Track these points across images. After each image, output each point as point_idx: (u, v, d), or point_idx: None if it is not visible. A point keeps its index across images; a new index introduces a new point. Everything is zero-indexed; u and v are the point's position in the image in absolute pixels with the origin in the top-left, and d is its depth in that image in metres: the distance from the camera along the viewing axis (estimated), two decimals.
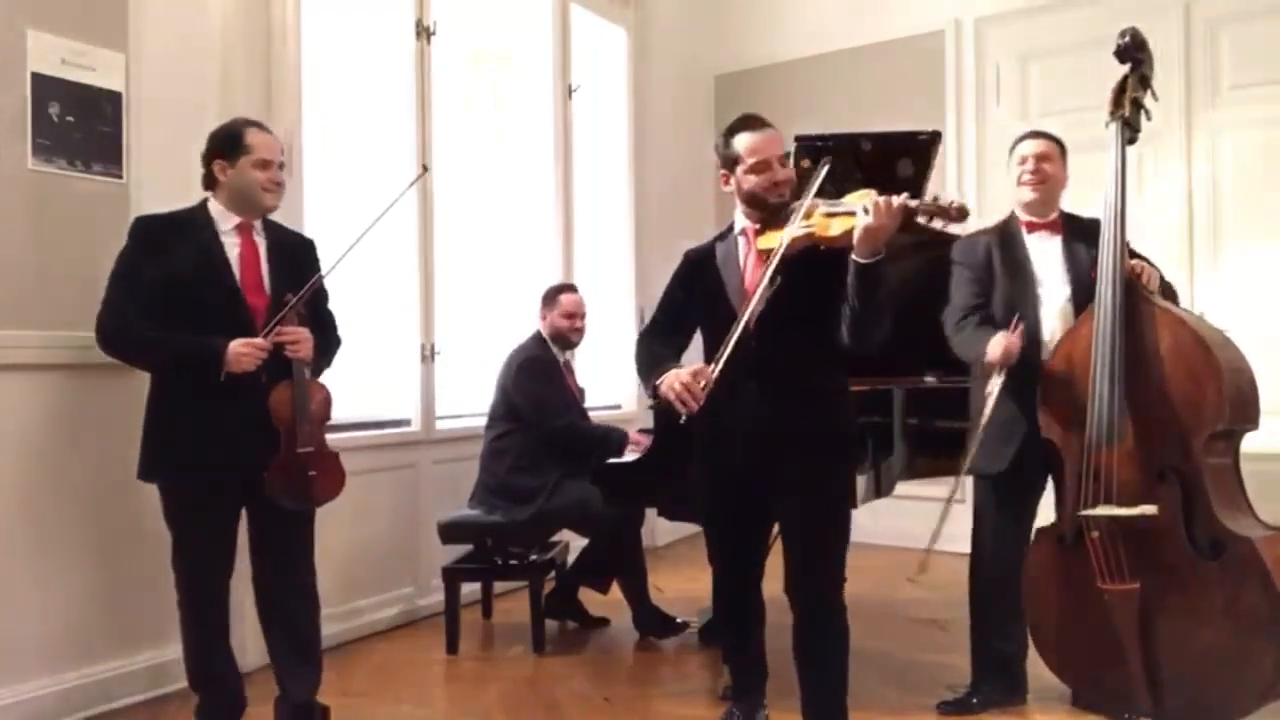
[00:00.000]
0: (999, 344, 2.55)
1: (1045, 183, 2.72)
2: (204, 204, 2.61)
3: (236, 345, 2.44)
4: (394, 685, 3.27)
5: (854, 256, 2.12)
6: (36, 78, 2.83)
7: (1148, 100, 2.58)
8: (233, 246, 2.57)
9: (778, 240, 2.23)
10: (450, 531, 3.69)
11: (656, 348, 2.45)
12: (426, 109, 4.19)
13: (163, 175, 3.14)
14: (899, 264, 3.49)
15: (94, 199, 2.98)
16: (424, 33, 4.19)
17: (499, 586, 4.14)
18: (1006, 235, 2.77)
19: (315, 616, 2.73)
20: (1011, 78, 5.09)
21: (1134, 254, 2.62)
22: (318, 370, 2.71)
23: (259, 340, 2.48)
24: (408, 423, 4.16)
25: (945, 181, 4.98)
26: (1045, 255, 2.73)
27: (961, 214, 2.04)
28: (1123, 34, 2.56)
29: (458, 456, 4.17)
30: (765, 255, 2.26)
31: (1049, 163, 2.73)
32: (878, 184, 2.13)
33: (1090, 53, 4.29)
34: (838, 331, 2.25)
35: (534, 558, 3.70)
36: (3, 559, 2.78)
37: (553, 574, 3.86)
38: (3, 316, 2.78)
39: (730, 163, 2.38)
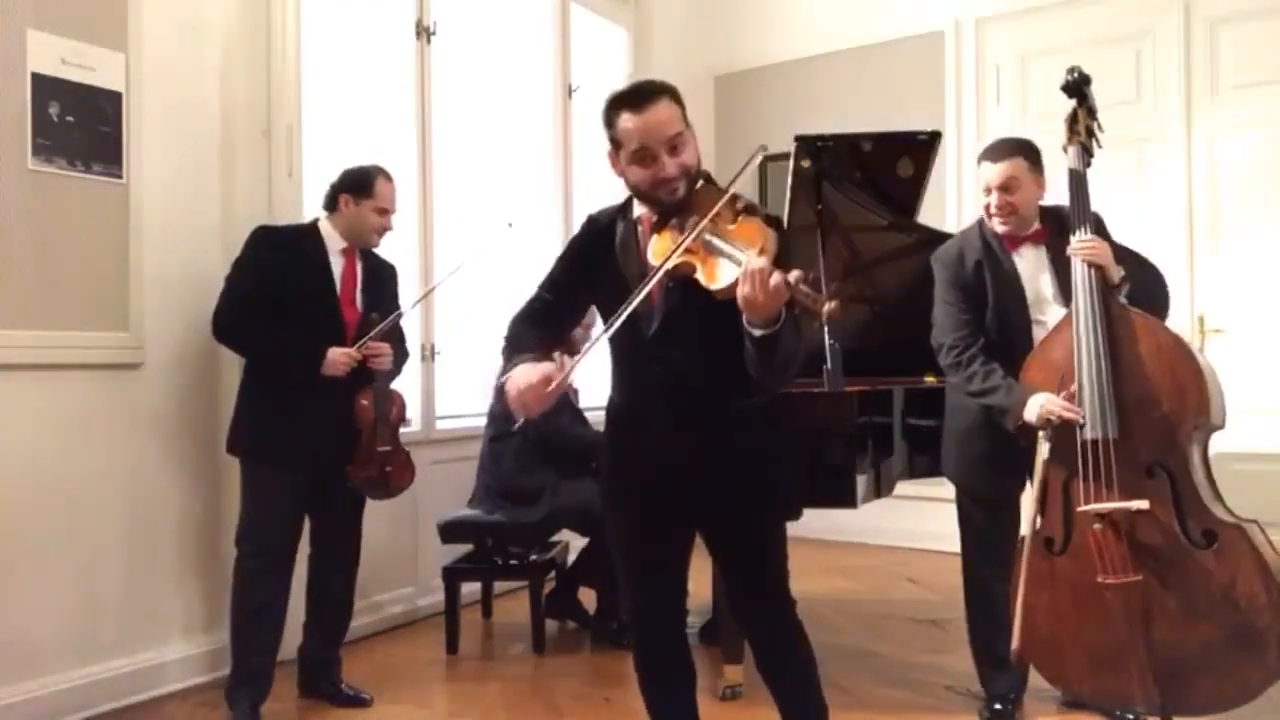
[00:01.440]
0: (1040, 407, 2.42)
1: (1014, 214, 2.64)
2: (316, 223, 3.01)
3: (335, 353, 2.84)
4: (394, 685, 3.27)
5: (745, 323, 1.71)
6: (36, 78, 2.83)
7: (1098, 125, 2.65)
8: (338, 266, 2.97)
9: (665, 247, 1.83)
10: (450, 531, 3.69)
11: (524, 333, 2.00)
12: (426, 109, 4.19)
13: (163, 175, 3.15)
14: (898, 264, 3.53)
15: (94, 199, 2.99)
16: (424, 33, 4.19)
17: (499, 586, 4.14)
18: (991, 250, 2.68)
19: (353, 591, 3.18)
20: (1011, 78, 5.09)
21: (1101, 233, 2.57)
22: (391, 379, 3.07)
23: (352, 351, 2.88)
24: (408, 423, 4.15)
25: (945, 181, 4.99)
26: (1033, 271, 2.67)
27: (831, 317, 1.62)
28: (1070, 70, 2.65)
29: (458, 456, 4.17)
30: (651, 262, 1.85)
31: (1014, 192, 2.62)
32: (878, 184, 2.08)
33: (1090, 53, 4.30)
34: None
35: (534, 558, 3.70)
36: (6, 559, 2.78)
37: (553, 574, 3.86)
38: (3, 316, 2.78)
39: (614, 143, 1.90)
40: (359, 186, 2.99)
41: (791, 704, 2.15)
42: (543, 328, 2.03)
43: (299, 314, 2.86)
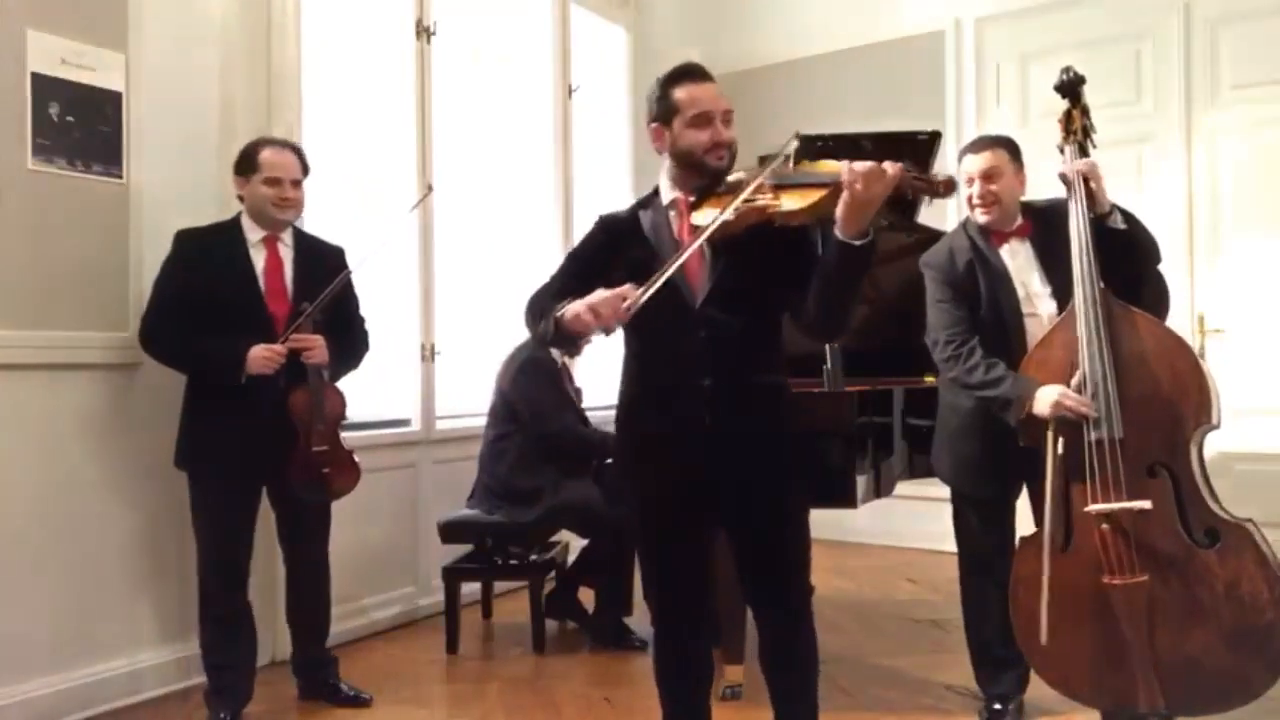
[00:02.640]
0: (1052, 400, 2.40)
1: (996, 204, 2.64)
2: (237, 217, 2.89)
3: (257, 351, 2.70)
4: (394, 685, 3.27)
5: (840, 235, 1.82)
6: (36, 78, 2.83)
7: (1092, 125, 2.66)
8: (259, 258, 2.83)
9: (709, 219, 1.91)
10: (450, 531, 3.69)
11: (550, 304, 2.01)
12: (426, 109, 4.19)
13: (162, 175, 3.15)
14: (897, 264, 3.53)
15: (94, 199, 2.99)
16: (424, 33, 4.19)
17: (499, 586, 4.14)
18: (979, 248, 2.68)
19: (326, 587, 3.13)
20: (1011, 78, 5.08)
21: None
22: (337, 374, 2.94)
23: (276, 346, 2.73)
24: (408, 423, 4.16)
25: None
26: (1022, 266, 2.67)
27: (949, 188, 1.88)
28: (1064, 70, 2.67)
29: (458, 456, 4.18)
30: (698, 231, 1.92)
31: (996, 181, 2.63)
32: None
33: (1090, 53, 4.30)
34: (799, 314, 1.99)
35: (534, 558, 3.70)
36: (6, 558, 2.78)
37: (553, 574, 3.86)
38: (3, 316, 2.78)
39: (666, 115, 2.02)
40: (243, 163, 2.84)
41: (788, 700, 2.15)
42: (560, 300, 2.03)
43: (225, 314, 2.75)
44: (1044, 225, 2.66)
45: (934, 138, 3.49)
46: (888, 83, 5.29)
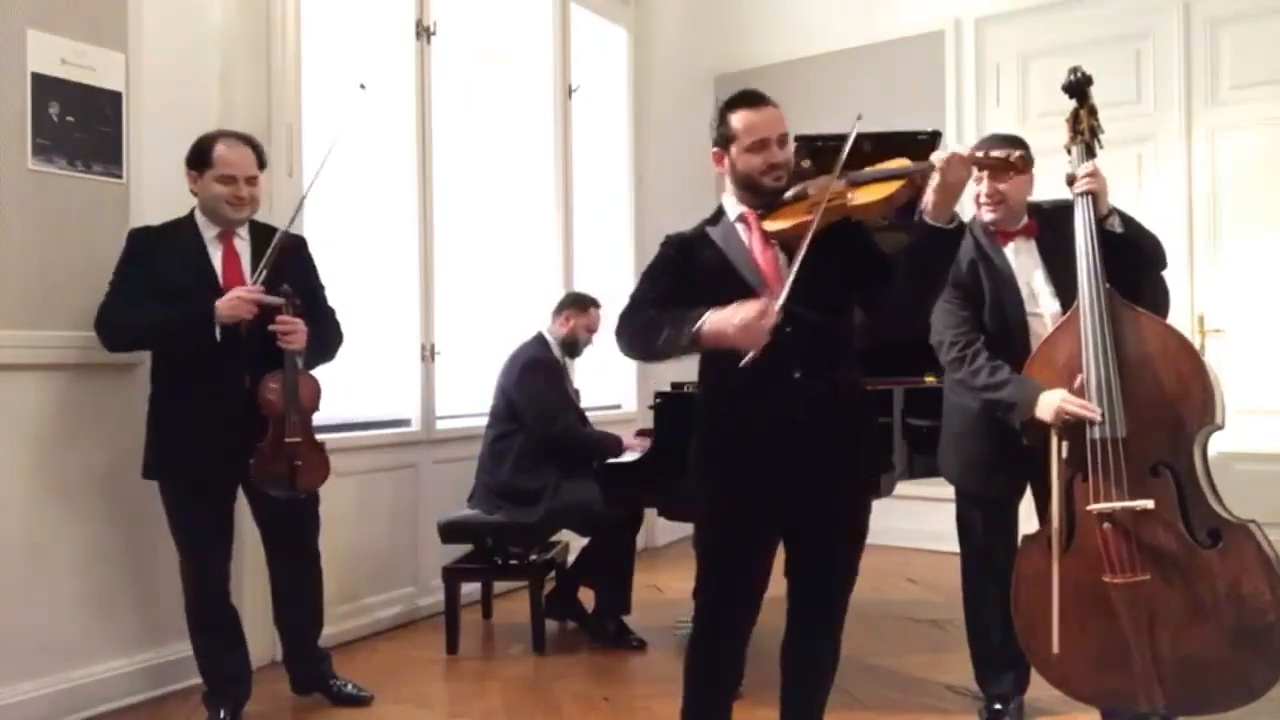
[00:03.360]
0: (1054, 405, 2.41)
1: (1003, 203, 2.64)
2: (192, 212, 2.80)
3: (225, 299, 2.60)
4: (394, 685, 3.27)
5: (930, 221, 1.94)
6: (36, 78, 2.83)
7: (1099, 125, 2.68)
8: (215, 253, 2.74)
9: (787, 223, 2.02)
10: (450, 531, 3.69)
11: (653, 314, 2.05)
12: (426, 109, 4.19)
13: (162, 175, 3.14)
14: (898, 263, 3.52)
15: (94, 199, 2.98)
16: (424, 33, 4.19)
17: (499, 586, 4.14)
18: (983, 248, 2.68)
19: (315, 584, 3.01)
20: (1011, 78, 5.08)
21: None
22: (312, 364, 2.86)
23: (247, 290, 2.62)
24: (408, 423, 4.16)
25: None
26: (1026, 265, 2.67)
27: (1026, 164, 2.00)
28: (1071, 70, 2.68)
29: (458, 456, 4.17)
30: (773, 237, 2.06)
31: (1003, 180, 2.62)
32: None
33: (1090, 53, 4.29)
34: (875, 306, 2.10)
35: (534, 558, 3.70)
36: (6, 558, 2.78)
37: (553, 574, 3.86)
38: (3, 316, 2.78)
39: (725, 141, 2.13)
40: (197, 158, 2.73)
41: (801, 701, 2.19)
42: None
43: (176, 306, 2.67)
44: (1050, 226, 2.66)
45: (934, 138, 3.48)
46: (888, 83, 5.29)
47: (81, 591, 2.96)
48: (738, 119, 2.10)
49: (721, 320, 1.87)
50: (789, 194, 2.09)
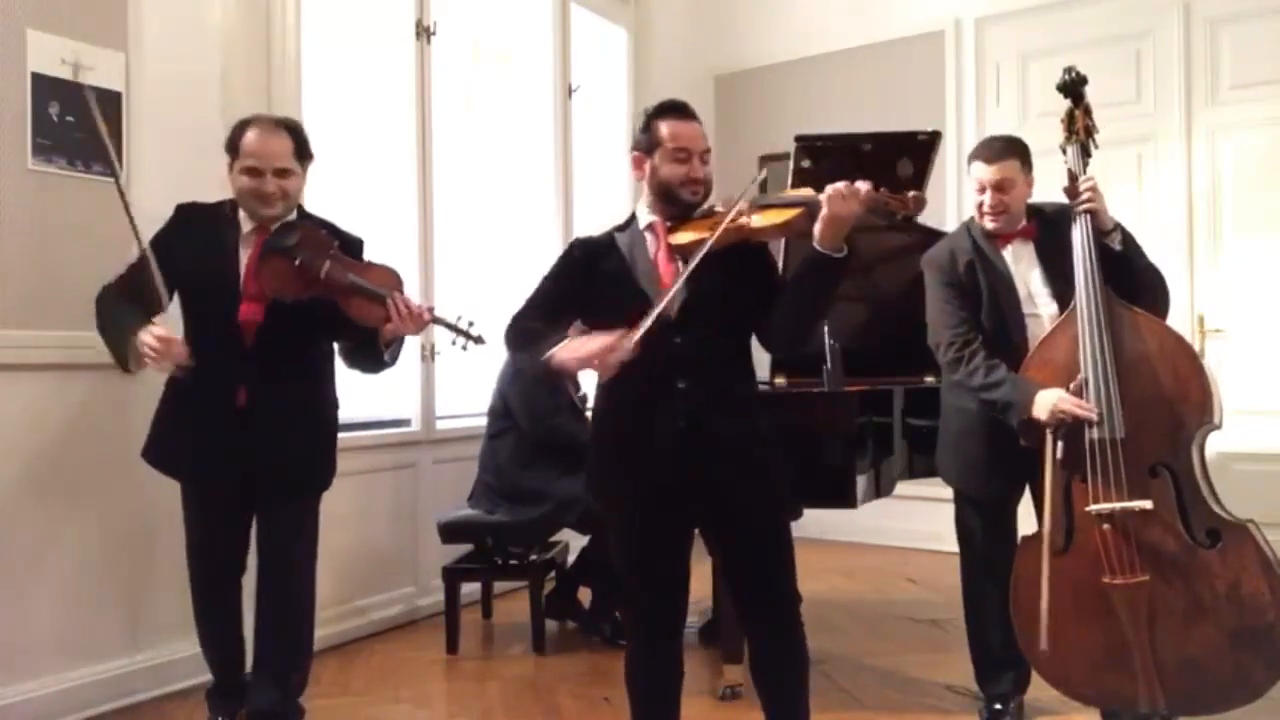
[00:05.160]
0: (1050, 404, 2.41)
1: (1005, 213, 2.63)
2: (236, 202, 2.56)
3: (145, 335, 2.30)
4: (394, 685, 3.27)
5: (817, 247, 1.95)
6: (36, 78, 2.83)
7: (1094, 125, 2.68)
8: (244, 253, 2.49)
9: (691, 237, 2.05)
10: (450, 531, 3.69)
11: (536, 325, 2.10)
12: (426, 109, 4.19)
13: (163, 175, 3.14)
14: (896, 264, 3.53)
15: (94, 199, 2.98)
16: (424, 33, 4.19)
17: (499, 586, 4.14)
18: (981, 249, 2.68)
19: (298, 617, 2.62)
20: (1011, 78, 5.08)
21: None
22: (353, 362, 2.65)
23: (166, 337, 2.29)
24: (408, 423, 4.16)
25: (945, 181, 4.98)
26: (1024, 267, 2.67)
27: (919, 204, 1.96)
28: (1066, 70, 2.68)
29: (458, 456, 4.18)
30: (677, 250, 2.08)
31: (1008, 191, 2.61)
32: (878, 184, 2.10)
33: (1090, 53, 4.30)
34: (763, 329, 2.11)
35: (534, 558, 3.70)
36: (6, 558, 2.78)
37: (553, 574, 3.86)
38: (3, 316, 2.78)
39: (649, 146, 2.12)
40: (230, 145, 2.49)
41: (782, 706, 2.14)
42: (546, 331, 2.09)
43: (192, 305, 2.50)
44: (1048, 228, 2.66)
45: (934, 138, 3.49)
46: (888, 83, 5.29)
47: (82, 591, 2.96)
48: (665, 127, 2.11)
49: (568, 353, 1.96)
50: (699, 211, 2.12)
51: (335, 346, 2.66)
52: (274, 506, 2.57)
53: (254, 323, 2.44)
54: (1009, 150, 2.65)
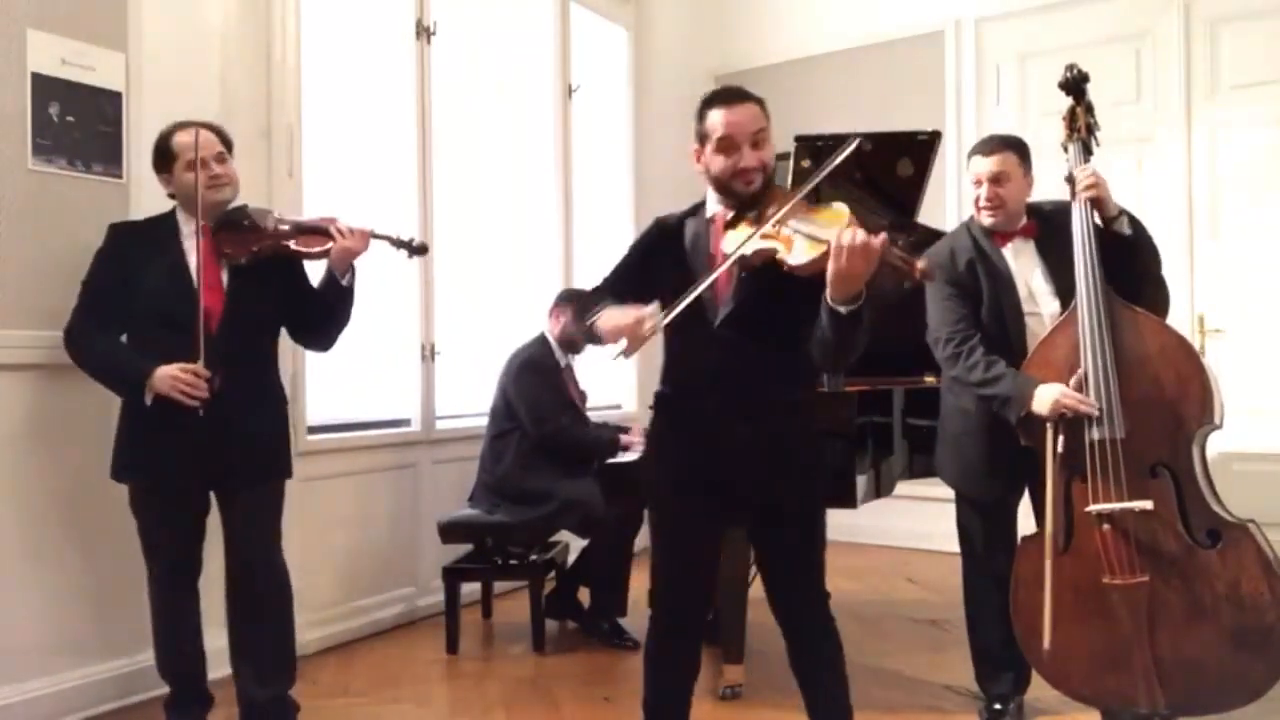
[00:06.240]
0: (1051, 399, 2.40)
1: (1002, 207, 2.63)
2: (173, 210, 2.68)
3: (164, 371, 2.45)
4: (394, 685, 3.27)
5: (829, 301, 1.84)
6: (36, 78, 2.83)
7: (1096, 123, 2.69)
8: (191, 250, 2.58)
9: (736, 240, 1.98)
10: (450, 531, 3.69)
11: (604, 297, 2.12)
12: (426, 109, 4.19)
13: None
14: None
15: (94, 199, 2.98)
16: (424, 33, 4.19)
17: (499, 586, 4.15)
18: (981, 248, 2.68)
19: (279, 604, 2.68)
20: (1011, 78, 5.09)
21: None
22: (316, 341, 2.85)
23: (187, 370, 2.45)
24: (408, 423, 4.16)
25: (945, 181, 4.99)
26: (1025, 265, 2.67)
27: (925, 276, 1.82)
28: (1068, 68, 2.68)
29: (458, 456, 4.18)
30: (722, 256, 2.01)
31: (1004, 184, 2.61)
32: (878, 184, 2.09)
33: (1090, 53, 4.29)
34: (806, 342, 2.02)
35: (534, 558, 3.70)
36: (6, 559, 2.78)
37: (553, 574, 3.86)
38: (3, 316, 2.78)
39: (700, 138, 2.09)
40: (160, 158, 2.62)
41: (824, 700, 2.17)
42: (610, 299, 2.10)
43: (154, 309, 2.55)
44: (1048, 227, 2.66)
45: (934, 138, 3.49)
46: (888, 83, 5.30)
47: (80, 591, 2.96)
48: (711, 116, 2.06)
49: (606, 320, 1.97)
50: (753, 210, 2.02)
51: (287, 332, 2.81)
52: (245, 493, 2.62)
53: (217, 310, 2.55)
54: (1006, 144, 2.67)
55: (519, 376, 3.71)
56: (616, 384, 5.35)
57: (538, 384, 3.70)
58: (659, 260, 2.15)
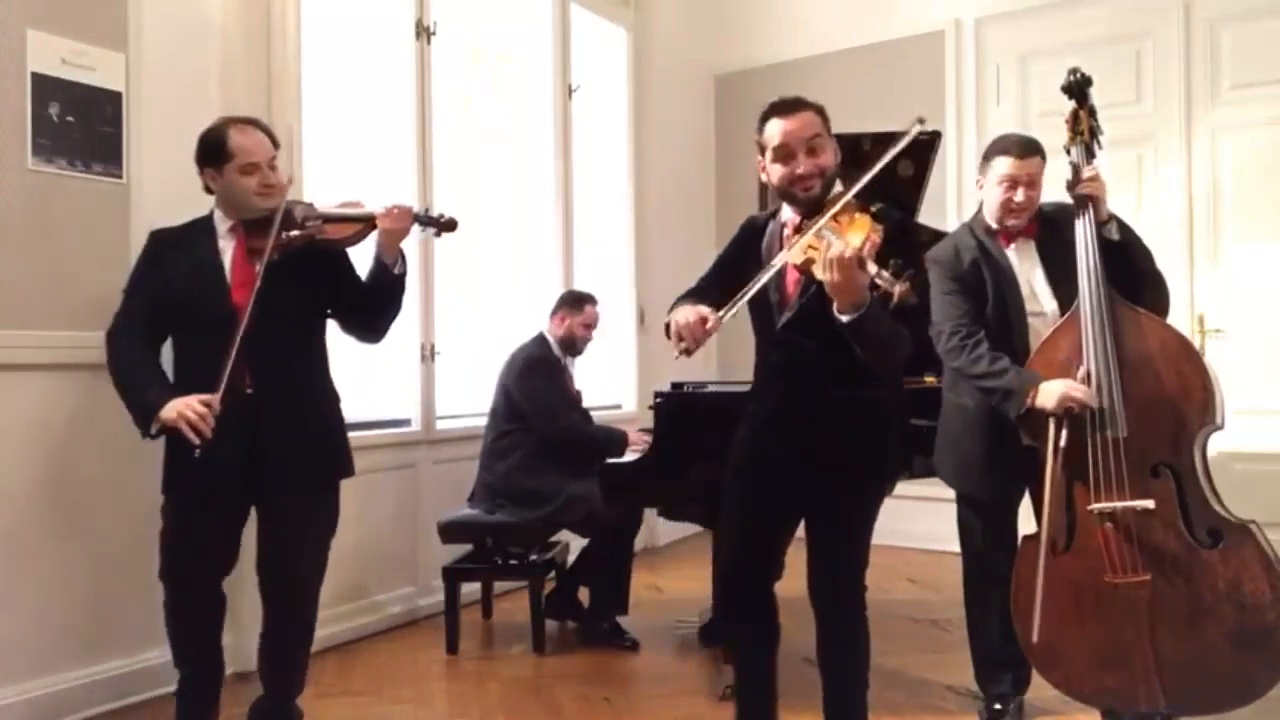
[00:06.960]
0: (1059, 392, 2.40)
1: (1029, 209, 2.64)
2: (211, 213, 2.58)
3: (175, 404, 2.33)
4: (394, 685, 3.27)
5: (835, 313, 1.90)
6: (36, 78, 2.83)
7: (1099, 125, 2.69)
8: (227, 249, 2.51)
9: (789, 253, 2.03)
10: (450, 531, 3.69)
11: (696, 293, 2.23)
12: (426, 109, 4.19)
13: (162, 175, 3.14)
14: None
15: (94, 199, 2.98)
16: (424, 33, 4.19)
17: (499, 586, 4.14)
18: (985, 246, 2.68)
19: (300, 619, 2.68)
20: (1011, 78, 5.09)
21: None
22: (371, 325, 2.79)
23: (200, 400, 2.32)
24: (408, 423, 4.16)
25: (945, 181, 4.99)
26: (1026, 265, 2.67)
27: (903, 299, 1.81)
28: (1071, 71, 2.69)
29: (458, 456, 4.17)
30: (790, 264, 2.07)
31: (1037, 188, 2.62)
32: (878, 184, 2.09)
33: (1090, 53, 4.31)
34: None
35: (534, 558, 3.70)
36: (6, 557, 2.78)
37: (553, 574, 3.86)
38: (3, 316, 2.78)
39: (761, 150, 2.16)
40: (213, 153, 2.50)
41: (843, 690, 2.23)
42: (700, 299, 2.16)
43: (188, 310, 2.49)
44: (1049, 227, 2.66)
45: (934, 137, 3.49)
46: (888, 83, 5.30)
47: (83, 590, 2.96)
48: (766, 128, 2.13)
49: (673, 316, 2.04)
50: (816, 215, 2.05)
51: (334, 324, 2.72)
52: (283, 497, 2.52)
53: (248, 308, 2.41)
54: (1037, 148, 2.67)
55: (525, 376, 3.70)
56: (616, 384, 5.35)
57: (544, 383, 3.70)
58: (747, 259, 2.23)
